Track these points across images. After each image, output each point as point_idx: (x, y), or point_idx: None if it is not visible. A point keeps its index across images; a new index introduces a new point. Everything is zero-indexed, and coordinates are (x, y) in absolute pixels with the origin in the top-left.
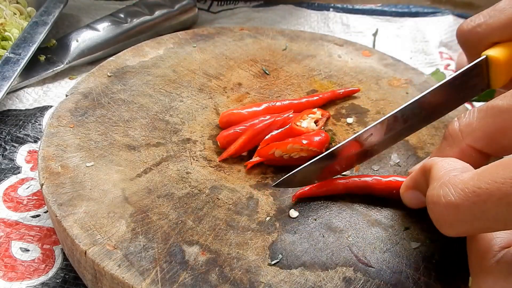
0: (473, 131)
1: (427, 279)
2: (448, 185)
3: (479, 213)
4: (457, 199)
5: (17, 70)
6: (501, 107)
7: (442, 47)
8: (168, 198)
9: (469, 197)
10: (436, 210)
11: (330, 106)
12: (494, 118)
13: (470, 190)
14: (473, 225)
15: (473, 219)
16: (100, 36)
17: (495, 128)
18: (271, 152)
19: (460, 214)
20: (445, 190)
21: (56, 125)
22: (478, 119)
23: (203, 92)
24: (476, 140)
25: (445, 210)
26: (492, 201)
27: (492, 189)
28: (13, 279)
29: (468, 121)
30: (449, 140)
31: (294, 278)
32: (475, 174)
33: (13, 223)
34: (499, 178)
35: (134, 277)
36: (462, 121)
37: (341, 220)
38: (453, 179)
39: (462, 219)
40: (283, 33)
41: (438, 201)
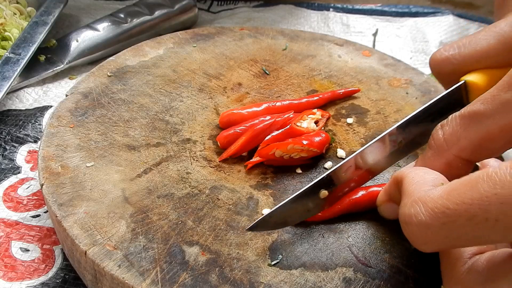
0: (459, 140)
1: (427, 279)
2: (419, 203)
3: (450, 232)
4: (427, 219)
5: (17, 70)
6: (484, 113)
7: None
8: (168, 198)
9: (439, 217)
10: (409, 229)
11: (330, 106)
12: (478, 126)
13: (439, 210)
14: (446, 243)
15: (445, 238)
16: (100, 36)
17: (481, 136)
18: (271, 152)
19: (431, 233)
20: (416, 209)
21: (56, 125)
22: (462, 127)
23: (203, 92)
24: (462, 150)
25: (417, 229)
26: (461, 222)
27: (460, 210)
28: (13, 279)
29: (452, 130)
30: (434, 150)
31: (294, 279)
32: (444, 192)
33: (13, 223)
34: (467, 199)
35: (134, 277)
36: (446, 130)
37: (341, 220)
38: (423, 197)
39: (434, 238)
40: (283, 33)
41: (410, 221)
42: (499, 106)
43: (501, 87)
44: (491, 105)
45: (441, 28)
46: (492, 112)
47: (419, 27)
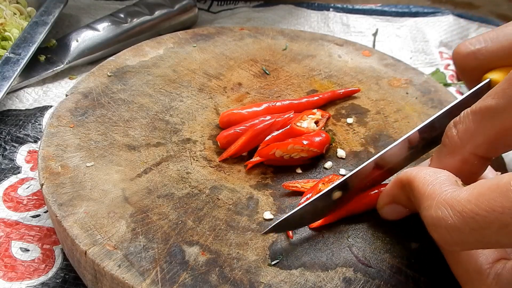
0: (473, 137)
1: (427, 279)
2: (446, 205)
3: (481, 237)
4: (457, 223)
5: (17, 70)
6: (496, 108)
7: (442, 47)
8: (168, 198)
9: (468, 222)
10: (438, 232)
11: (330, 106)
12: (492, 121)
13: (468, 215)
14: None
15: (476, 241)
16: (100, 36)
17: (496, 131)
18: (271, 152)
19: (462, 236)
20: (444, 212)
21: (56, 125)
22: (476, 123)
23: (203, 92)
24: (478, 146)
25: (446, 232)
26: (493, 230)
27: (491, 218)
28: (13, 279)
29: (465, 127)
30: (449, 148)
31: (294, 279)
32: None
33: (13, 223)
34: (497, 207)
35: (134, 277)
36: (459, 128)
37: (341, 220)
38: (449, 199)
39: (465, 240)
40: (283, 33)
41: (439, 224)
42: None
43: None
44: (503, 99)
45: (441, 28)
46: (505, 106)
47: (419, 27)
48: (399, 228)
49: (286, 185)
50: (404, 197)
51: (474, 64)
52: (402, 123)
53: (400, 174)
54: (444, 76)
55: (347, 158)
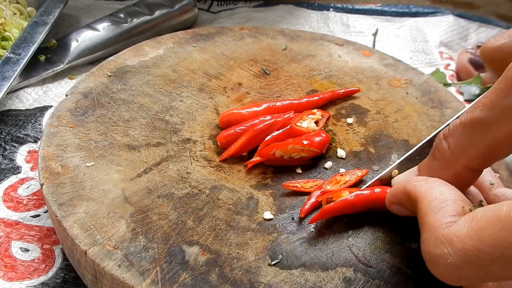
0: (465, 151)
1: (427, 279)
2: (444, 242)
3: (483, 274)
4: (457, 261)
5: (17, 70)
6: (486, 121)
7: (442, 47)
8: (168, 198)
9: (472, 260)
10: (436, 269)
11: (330, 106)
12: (483, 134)
13: (471, 253)
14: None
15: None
16: (100, 36)
17: (488, 145)
18: (271, 152)
19: (462, 274)
20: (442, 250)
21: (56, 125)
22: (466, 137)
23: (203, 92)
24: (470, 160)
25: (444, 270)
26: (498, 266)
27: (496, 254)
28: (13, 279)
29: (456, 141)
30: (441, 161)
31: (294, 279)
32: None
33: (13, 223)
34: (502, 242)
35: (134, 277)
36: (450, 141)
37: (341, 220)
38: (448, 235)
39: (464, 277)
40: (283, 33)
41: (437, 261)
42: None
43: (499, 92)
44: (493, 112)
45: (441, 28)
46: (495, 119)
47: (419, 27)
48: (399, 228)
49: (286, 185)
50: (410, 206)
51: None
52: (402, 123)
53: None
54: (444, 76)
55: (347, 158)
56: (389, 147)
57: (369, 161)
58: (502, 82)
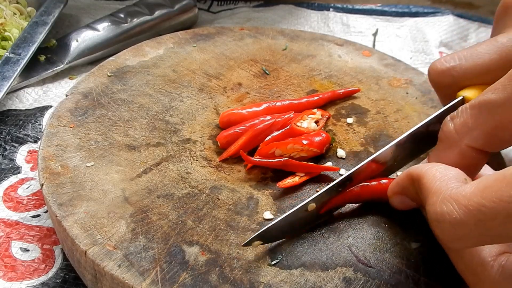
0: (471, 130)
1: (427, 279)
2: (451, 200)
3: (486, 230)
4: (462, 217)
5: (17, 70)
6: (495, 102)
7: (442, 47)
8: (168, 198)
9: (474, 215)
10: (441, 227)
11: (330, 106)
12: (490, 115)
13: (475, 208)
14: (480, 239)
15: (480, 235)
16: (100, 36)
17: (494, 125)
18: (271, 152)
19: (466, 230)
20: (449, 207)
21: (56, 125)
22: (473, 117)
23: (203, 92)
24: (475, 140)
25: (450, 227)
26: (499, 220)
27: (499, 208)
28: (13, 279)
29: (462, 120)
30: (446, 142)
31: (294, 279)
32: (477, 189)
33: (13, 223)
34: (505, 197)
35: (134, 277)
36: (456, 121)
37: (341, 220)
38: (455, 194)
39: (468, 235)
40: (283, 33)
41: (443, 219)
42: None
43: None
44: (503, 94)
45: (441, 28)
46: (504, 101)
47: (419, 27)
48: (399, 228)
49: (281, 184)
50: (413, 192)
51: (449, 80)
52: (402, 123)
53: (412, 169)
54: None
55: (347, 158)
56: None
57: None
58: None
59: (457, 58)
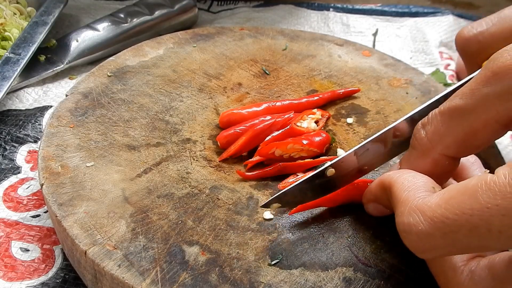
0: (442, 138)
1: (427, 279)
2: (417, 211)
3: (452, 241)
4: (427, 228)
5: (17, 70)
6: (464, 109)
7: (442, 47)
8: (168, 198)
9: (439, 227)
10: (409, 238)
11: (330, 106)
12: (460, 122)
13: (439, 220)
14: (448, 250)
15: (447, 246)
16: (100, 36)
17: (465, 132)
18: (271, 152)
19: (433, 242)
20: (415, 218)
21: (56, 125)
22: (444, 124)
23: (203, 92)
24: (447, 148)
25: (416, 239)
26: (463, 233)
27: (461, 220)
28: (13, 279)
29: (434, 128)
30: (419, 150)
31: (294, 278)
32: (442, 200)
33: (13, 223)
34: (467, 209)
35: (134, 277)
36: (428, 129)
37: (341, 220)
38: (420, 205)
39: (435, 246)
40: (283, 33)
41: (410, 230)
42: (480, 101)
43: (479, 81)
44: (471, 100)
45: (441, 28)
46: (474, 107)
47: (419, 27)
48: None
49: (281, 186)
50: (385, 199)
51: (477, 47)
52: None
53: (383, 177)
54: (444, 76)
55: None
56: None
57: None
58: (482, 73)
59: (484, 24)
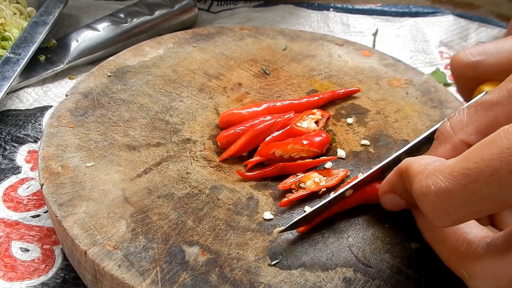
0: (465, 126)
1: (427, 279)
2: (435, 173)
3: (472, 194)
4: (447, 184)
5: (17, 70)
6: (491, 101)
7: (442, 47)
8: (168, 198)
9: (459, 180)
10: (428, 200)
11: (330, 106)
12: (485, 112)
13: (459, 173)
14: (468, 208)
15: (467, 202)
16: (100, 36)
17: (488, 121)
18: (271, 152)
19: (453, 199)
20: (433, 179)
21: (56, 125)
22: (469, 115)
23: (203, 92)
24: (468, 135)
25: (436, 198)
26: (483, 180)
27: (482, 167)
28: (13, 279)
29: (459, 119)
30: (441, 138)
31: (294, 279)
32: (461, 157)
33: (13, 223)
34: (487, 155)
35: (134, 277)
36: (453, 120)
37: (341, 220)
38: (439, 167)
39: (456, 204)
40: (283, 33)
41: (429, 191)
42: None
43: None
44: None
45: (441, 28)
46: (499, 99)
47: (419, 27)
48: (399, 228)
49: (281, 186)
50: (402, 187)
51: (472, 74)
52: (402, 123)
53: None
54: (444, 76)
55: (347, 158)
56: (389, 147)
57: (369, 161)
58: None
59: (483, 53)
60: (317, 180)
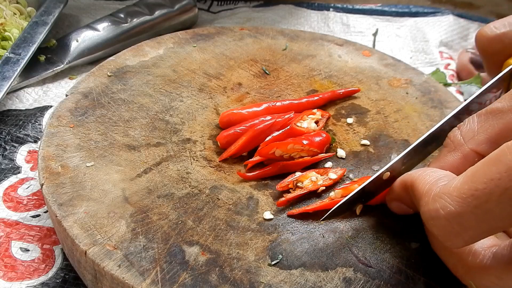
0: (475, 135)
1: (427, 279)
2: (443, 195)
3: (483, 215)
4: (457, 208)
5: (17, 70)
6: (502, 109)
7: (442, 47)
8: (168, 198)
9: (469, 202)
10: (438, 224)
11: (330, 106)
12: (495, 120)
13: (468, 195)
14: (480, 228)
15: (479, 223)
16: (100, 36)
17: (498, 130)
18: (271, 152)
19: (464, 221)
20: (441, 202)
21: (56, 125)
22: (480, 123)
23: (203, 92)
24: (479, 144)
25: (447, 222)
26: (494, 200)
27: (491, 187)
28: (13, 279)
29: (469, 127)
30: (450, 146)
31: (294, 279)
32: (466, 177)
33: (13, 223)
34: (494, 175)
35: (134, 277)
36: (463, 128)
37: (341, 220)
38: (445, 189)
39: (467, 226)
40: (283, 33)
41: (437, 215)
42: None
43: None
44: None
45: (441, 28)
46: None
47: (419, 27)
48: (399, 228)
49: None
50: (407, 198)
51: (499, 47)
52: (402, 123)
53: (404, 176)
54: (444, 76)
55: (347, 158)
56: (389, 147)
57: (369, 161)
58: None
59: (507, 24)
60: (314, 179)
